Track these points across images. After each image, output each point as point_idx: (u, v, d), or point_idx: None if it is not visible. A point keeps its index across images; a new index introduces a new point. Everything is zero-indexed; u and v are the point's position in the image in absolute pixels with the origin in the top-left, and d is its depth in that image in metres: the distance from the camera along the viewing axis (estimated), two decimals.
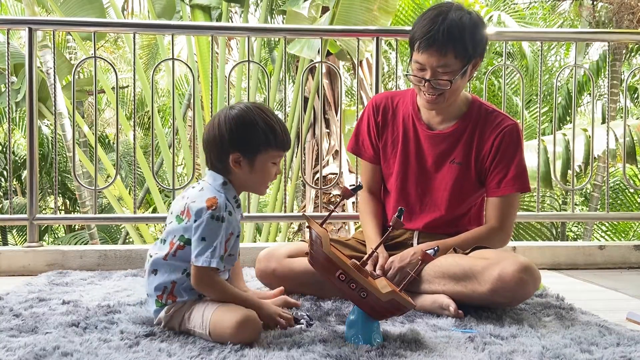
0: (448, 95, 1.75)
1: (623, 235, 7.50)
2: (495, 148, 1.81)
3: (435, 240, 1.78)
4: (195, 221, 1.41)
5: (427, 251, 1.40)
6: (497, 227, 1.82)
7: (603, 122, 6.46)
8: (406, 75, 1.80)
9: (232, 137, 1.44)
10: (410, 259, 1.73)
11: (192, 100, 7.00)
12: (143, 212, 8.88)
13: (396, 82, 3.44)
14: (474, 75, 1.86)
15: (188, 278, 1.44)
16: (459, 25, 1.66)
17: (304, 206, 6.34)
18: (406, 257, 1.74)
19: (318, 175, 5.62)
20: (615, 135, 4.20)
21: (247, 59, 2.76)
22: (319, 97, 4.37)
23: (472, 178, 1.85)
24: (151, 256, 1.48)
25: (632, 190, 7.10)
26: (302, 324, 1.51)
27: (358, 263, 1.40)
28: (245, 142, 1.44)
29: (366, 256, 1.46)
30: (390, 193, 1.97)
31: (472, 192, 1.87)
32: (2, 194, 8.71)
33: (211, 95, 2.68)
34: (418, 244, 1.87)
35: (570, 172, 4.50)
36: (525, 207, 7.36)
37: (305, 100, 5.59)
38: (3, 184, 8.85)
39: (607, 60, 4.61)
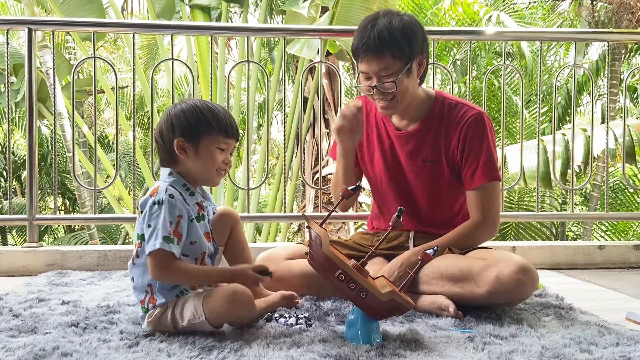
0: (400, 98, 1.76)
1: (622, 235, 7.50)
2: (462, 141, 1.80)
3: (428, 242, 1.78)
4: (142, 213, 1.43)
5: (427, 251, 1.40)
6: (481, 220, 1.81)
7: (602, 122, 6.47)
8: (355, 87, 1.82)
9: (175, 123, 1.47)
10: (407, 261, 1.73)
11: None
12: None
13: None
14: (426, 72, 1.85)
15: None
16: (389, 28, 1.69)
17: (304, 206, 6.34)
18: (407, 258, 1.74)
19: (318, 175, 5.62)
20: (615, 135, 4.21)
21: (246, 59, 2.76)
22: (318, 97, 4.37)
23: (446, 175, 1.85)
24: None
25: (631, 190, 7.11)
26: (302, 323, 1.51)
27: (358, 263, 1.39)
28: (187, 127, 1.46)
29: (366, 256, 1.46)
30: (378, 195, 1.99)
31: (450, 190, 1.87)
32: (1, 194, 8.71)
33: (211, 95, 2.68)
34: (414, 246, 1.87)
35: (569, 171, 4.51)
36: (525, 207, 7.37)
37: (305, 100, 5.59)
38: (3, 184, 8.85)
39: (607, 60, 4.63)
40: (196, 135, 1.47)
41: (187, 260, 1.46)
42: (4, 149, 8.80)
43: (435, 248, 1.41)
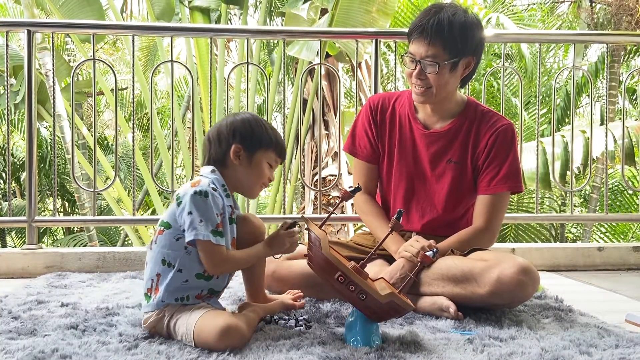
0: (437, 90, 1.77)
1: (622, 236, 7.50)
2: (489, 147, 1.82)
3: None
4: (179, 204, 1.41)
5: (427, 253, 1.40)
6: (484, 227, 1.82)
7: (602, 124, 6.47)
8: (402, 56, 1.83)
9: (238, 130, 1.52)
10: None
11: (191, 102, 7.00)
12: (142, 214, 8.86)
13: (395, 83, 3.44)
14: (471, 77, 1.87)
15: (169, 269, 1.42)
16: (450, 20, 1.71)
17: (303, 208, 6.34)
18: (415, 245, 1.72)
19: (317, 177, 5.62)
20: (614, 137, 4.22)
21: (246, 61, 2.76)
22: (317, 98, 4.38)
23: (468, 177, 1.86)
24: None
25: (630, 192, 7.11)
26: (301, 325, 1.51)
27: (357, 265, 1.39)
28: (249, 136, 1.52)
29: (366, 258, 1.46)
30: (387, 193, 1.98)
31: (468, 192, 1.87)
32: (1, 196, 8.70)
33: (210, 97, 2.68)
34: None
35: (569, 173, 4.51)
36: (524, 208, 7.36)
37: (304, 102, 5.60)
38: (2, 186, 8.84)
39: (606, 61, 4.63)
40: (256, 146, 1.52)
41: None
42: (3, 151, 8.79)
43: (435, 250, 1.41)
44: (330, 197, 5.78)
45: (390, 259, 1.84)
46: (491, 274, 1.58)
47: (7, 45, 2.99)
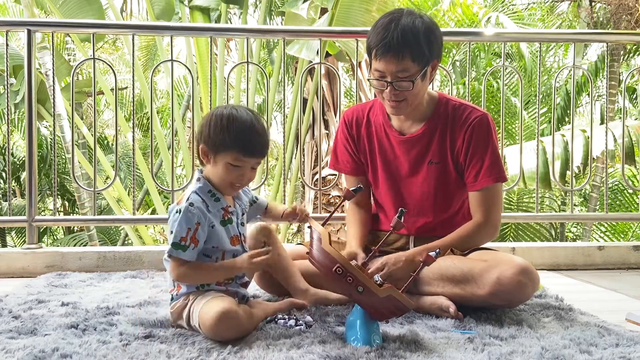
0: (411, 100, 1.75)
1: (622, 235, 7.49)
2: (467, 142, 1.80)
3: (430, 243, 1.77)
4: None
5: (430, 253, 1.40)
6: (483, 221, 1.80)
7: (602, 123, 6.47)
8: (368, 79, 1.79)
9: (203, 130, 1.51)
10: (402, 263, 1.68)
11: (191, 102, 7.00)
12: (142, 214, 8.86)
13: None
14: (434, 77, 1.84)
15: None
16: (413, 30, 1.66)
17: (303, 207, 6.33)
18: (399, 260, 1.70)
19: (317, 176, 5.62)
20: (614, 136, 4.22)
21: (246, 60, 2.76)
22: (317, 98, 4.37)
23: (452, 176, 1.84)
24: None
25: (630, 191, 7.11)
26: (302, 324, 1.51)
27: (359, 264, 1.40)
28: (209, 136, 1.50)
29: (367, 257, 1.46)
30: (379, 201, 1.98)
31: (456, 191, 1.86)
32: (1, 196, 8.70)
33: (210, 96, 2.68)
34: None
35: (569, 172, 4.51)
36: (524, 208, 7.36)
37: (304, 101, 5.59)
38: (2, 186, 8.84)
39: (606, 60, 4.63)
40: (216, 146, 1.49)
41: (208, 261, 1.51)
42: (3, 150, 8.78)
43: (437, 251, 1.41)
44: (331, 196, 5.77)
45: None
46: (491, 274, 1.58)
47: (7, 45, 2.99)
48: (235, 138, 1.47)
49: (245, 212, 1.65)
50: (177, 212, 1.47)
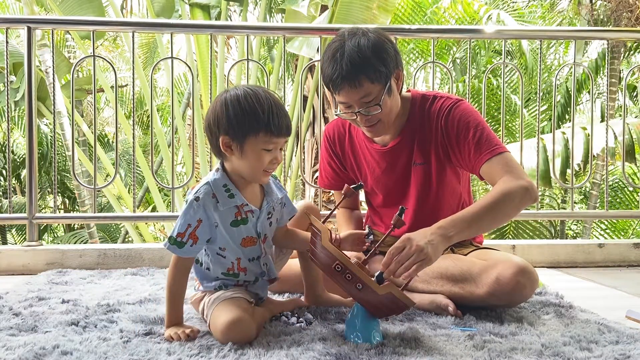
0: (385, 119, 1.71)
1: (622, 233, 7.49)
2: (444, 132, 1.75)
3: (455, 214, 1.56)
4: None
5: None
6: (511, 177, 1.58)
7: (602, 121, 6.47)
8: (337, 115, 1.74)
9: (220, 119, 1.37)
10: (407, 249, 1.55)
11: (191, 99, 6.99)
12: (142, 211, 8.87)
13: None
14: (402, 86, 1.77)
15: (200, 267, 1.51)
16: (360, 52, 1.58)
17: None
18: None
19: (317, 173, 5.62)
20: (615, 134, 4.21)
21: (246, 58, 2.76)
22: (318, 95, 4.37)
23: (441, 174, 1.81)
24: None
25: (631, 189, 7.10)
26: (302, 322, 1.51)
27: (360, 262, 1.40)
28: (232, 125, 1.36)
29: (367, 255, 1.46)
30: (380, 211, 1.98)
31: (448, 185, 1.83)
32: (1, 193, 8.70)
33: (210, 94, 2.68)
34: None
35: (569, 170, 4.51)
36: None
37: (305, 98, 5.59)
38: (2, 183, 8.84)
39: (606, 58, 4.63)
40: (242, 133, 1.35)
41: (223, 262, 1.48)
42: (3, 148, 8.79)
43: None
44: (331, 194, 5.77)
45: None
46: (489, 274, 1.57)
47: (7, 42, 2.98)
48: (263, 120, 1.34)
49: (273, 212, 1.52)
50: (186, 201, 1.41)
